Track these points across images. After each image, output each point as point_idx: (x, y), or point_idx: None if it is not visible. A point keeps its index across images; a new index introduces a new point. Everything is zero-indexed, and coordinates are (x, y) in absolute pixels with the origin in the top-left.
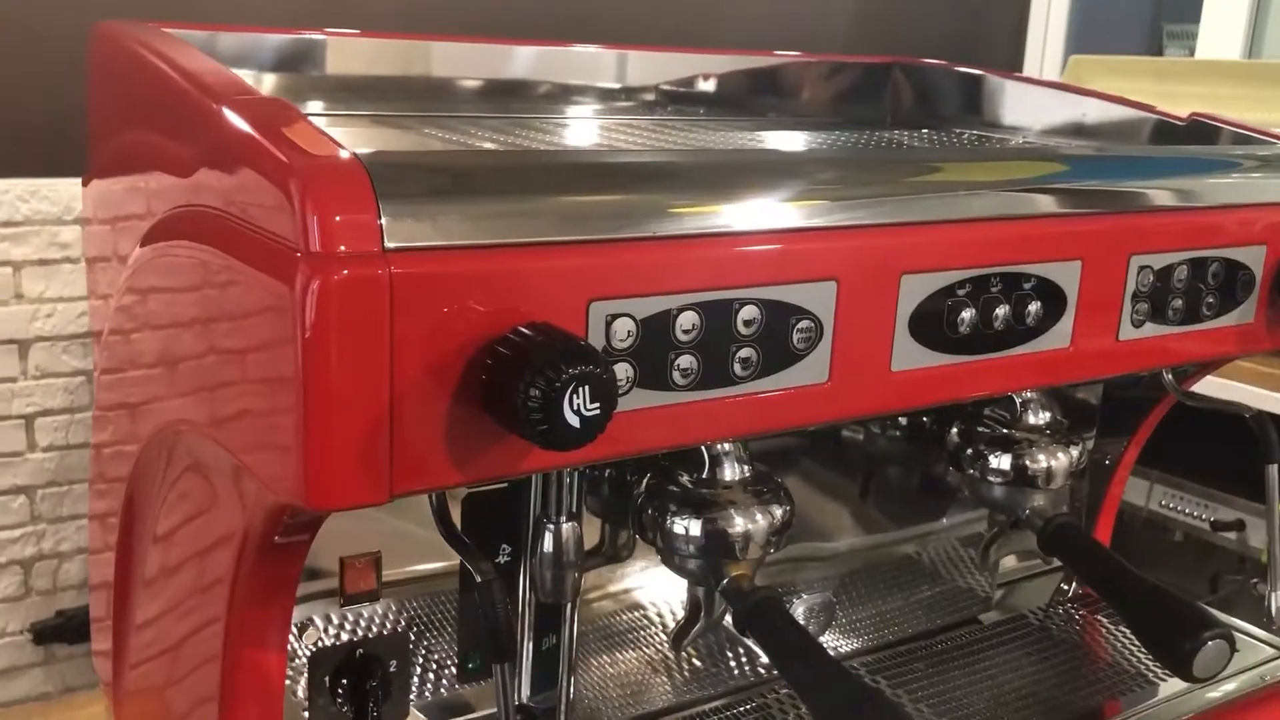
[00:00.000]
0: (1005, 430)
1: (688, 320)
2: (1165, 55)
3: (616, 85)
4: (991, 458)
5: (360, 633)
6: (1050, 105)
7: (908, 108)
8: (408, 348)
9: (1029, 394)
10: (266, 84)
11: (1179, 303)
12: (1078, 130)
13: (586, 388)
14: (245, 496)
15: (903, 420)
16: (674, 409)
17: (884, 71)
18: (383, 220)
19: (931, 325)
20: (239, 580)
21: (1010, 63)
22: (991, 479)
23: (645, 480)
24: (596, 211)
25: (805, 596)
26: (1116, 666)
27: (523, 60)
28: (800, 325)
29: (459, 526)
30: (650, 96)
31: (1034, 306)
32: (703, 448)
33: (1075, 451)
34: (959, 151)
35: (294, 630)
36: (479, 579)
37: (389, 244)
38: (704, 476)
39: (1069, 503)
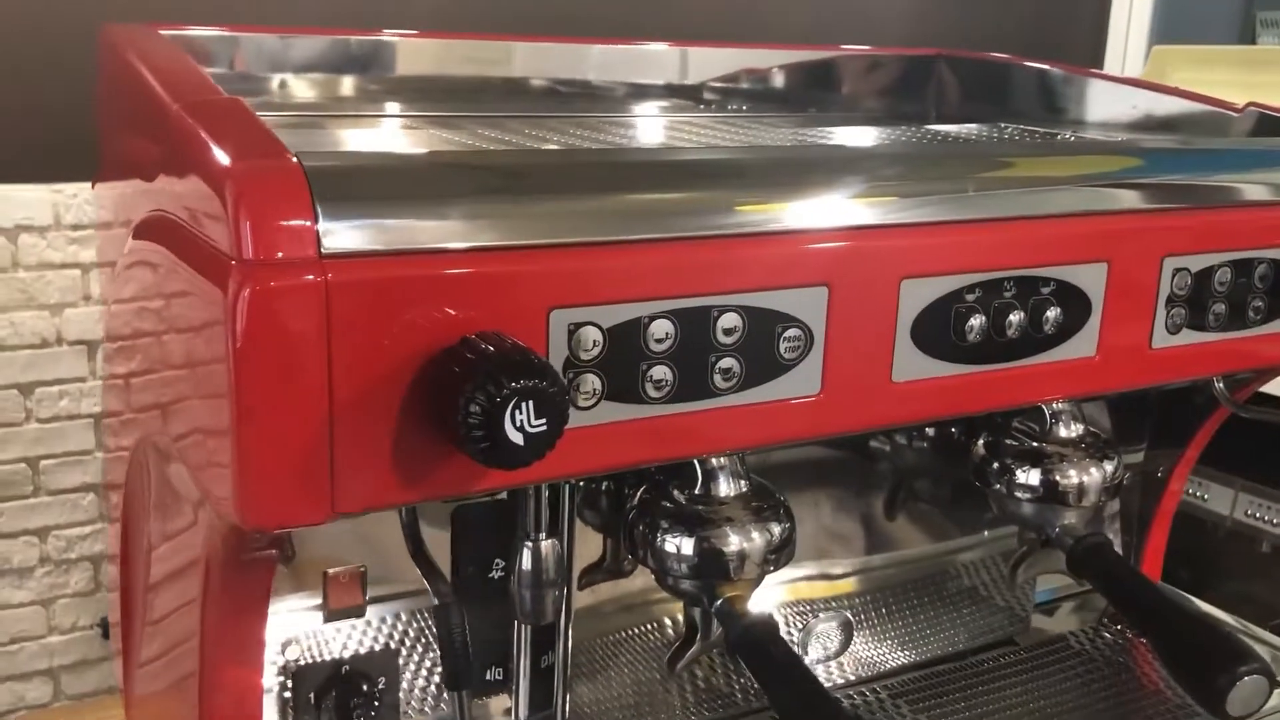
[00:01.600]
0: (1035, 443)
1: (660, 329)
2: (1258, 45)
3: (641, 82)
4: (1019, 472)
5: (352, 648)
6: (1097, 96)
7: (952, 101)
8: (347, 359)
9: (1060, 405)
10: (271, 85)
11: (1221, 307)
12: (1124, 122)
13: (531, 402)
14: (208, 513)
15: (930, 430)
16: (648, 423)
17: (928, 64)
18: (320, 225)
19: (937, 333)
20: (209, 597)
21: (1092, 56)
22: (1019, 495)
23: (637, 494)
24: (556, 213)
25: (821, 616)
26: (1163, 698)
27: (540, 58)
28: (788, 334)
29: (451, 539)
30: (672, 93)
31: (1053, 312)
32: (696, 461)
33: (1110, 467)
34: (969, 147)
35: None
36: (436, 601)
37: (326, 250)
38: (698, 492)
39: (1118, 518)
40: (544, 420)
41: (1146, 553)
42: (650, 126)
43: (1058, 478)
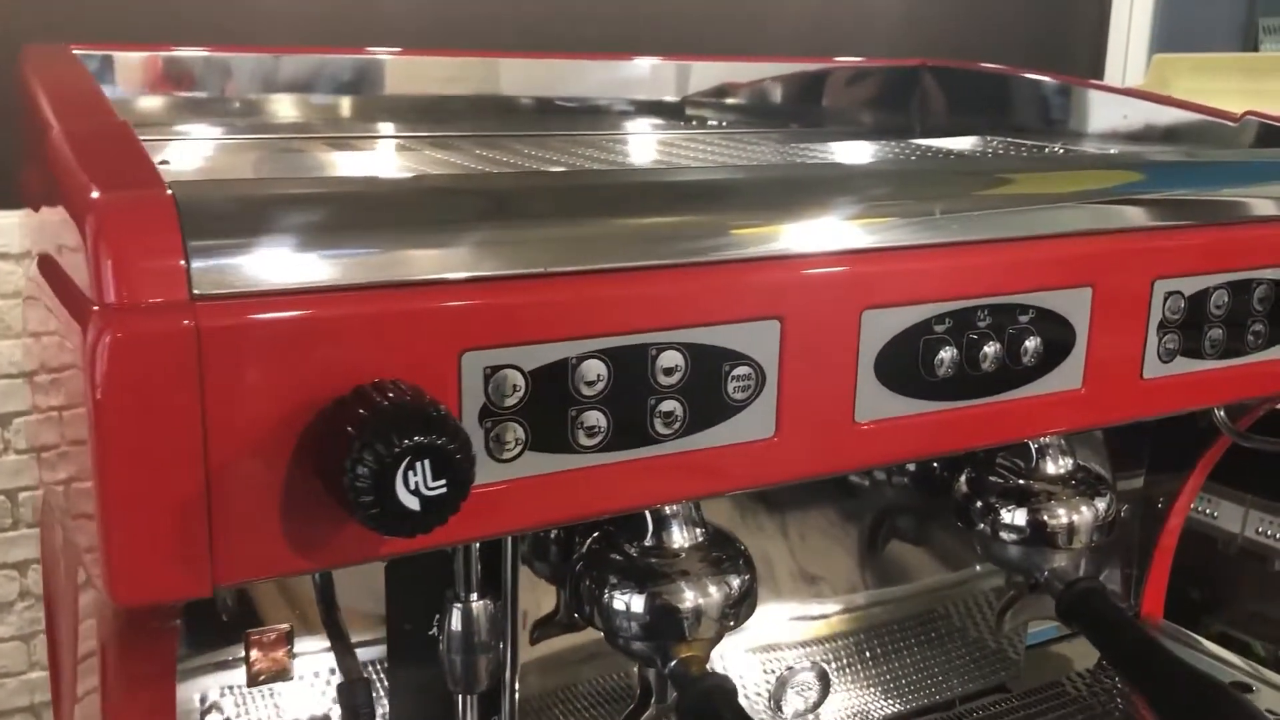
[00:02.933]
0: (1020, 480)
1: (591, 370)
2: (1262, 51)
3: (612, 98)
4: (1004, 512)
5: (282, 714)
6: (1088, 106)
7: (938, 113)
8: (225, 414)
9: (1048, 438)
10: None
11: (1218, 333)
12: (1116, 133)
13: (427, 461)
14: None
15: (910, 465)
16: (580, 475)
17: (913, 75)
18: (192, 264)
19: (904, 368)
20: (107, 669)
21: (1092, 65)
22: (1004, 536)
23: (585, 545)
24: (466, 244)
25: (797, 665)
26: None
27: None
28: (736, 372)
29: (386, 594)
30: (643, 109)
31: (1033, 342)
32: (646, 510)
33: (1102, 504)
34: (936, 164)
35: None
36: (342, 678)
37: (199, 291)
38: (649, 543)
39: (1117, 551)
40: (443, 481)
41: (1148, 586)
42: (614, 144)
43: (1045, 518)
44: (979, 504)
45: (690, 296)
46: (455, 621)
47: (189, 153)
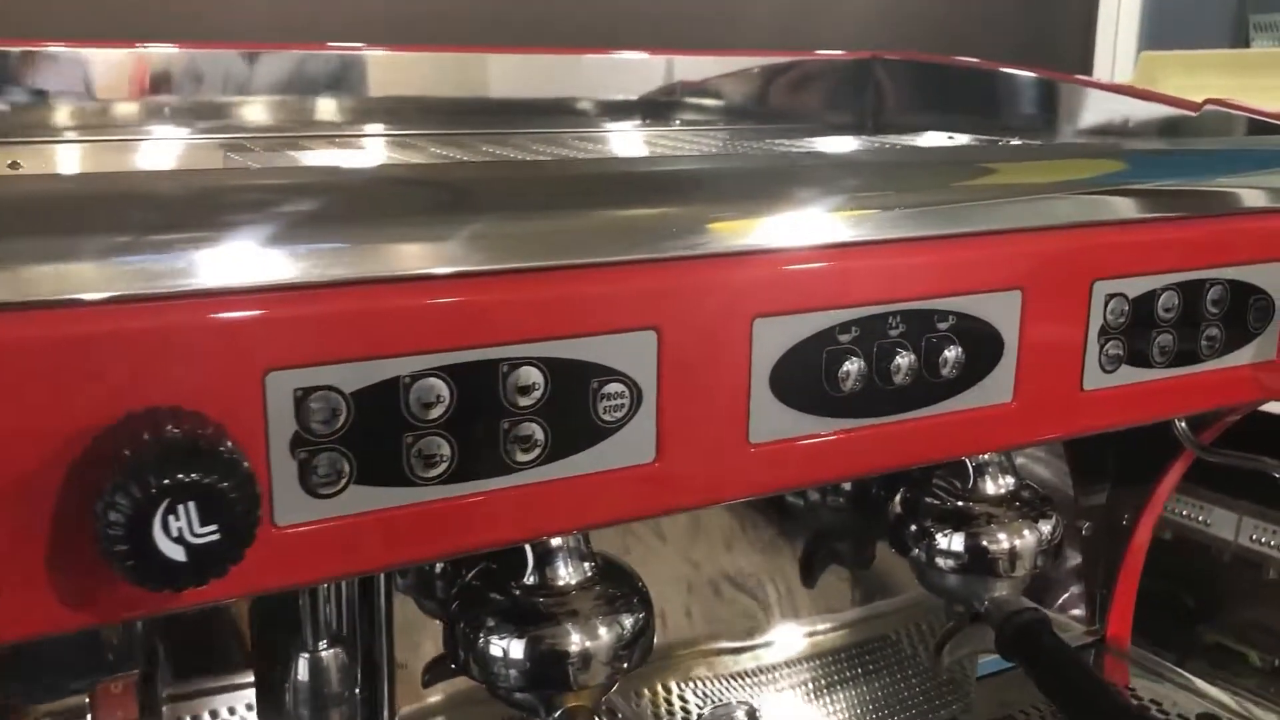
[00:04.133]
0: (958, 501)
1: (429, 390)
2: (1252, 48)
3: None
4: (940, 537)
5: None
6: (1042, 97)
7: (891, 108)
8: None
9: (988, 455)
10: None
11: (1167, 339)
12: (1072, 126)
13: (192, 504)
14: None
15: (846, 485)
16: (420, 510)
17: (864, 69)
18: None
19: (804, 382)
20: None
21: (1080, 64)
22: (941, 563)
23: (464, 581)
24: (267, 247)
25: (721, 709)
26: None
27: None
28: (608, 390)
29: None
30: (560, 107)
31: (953, 352)
32: (526, 544)
33: (1046, 527)
34: (844, 156)
35: None
36: None
37: None
38: (530, 580)
39: (1081, 571)
40: (214, 527)
41: (1114, 608)
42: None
43: (984, 543)
44: (913, 527)
45: (548, 305)
46: (301, 671)
47: (63, 156)
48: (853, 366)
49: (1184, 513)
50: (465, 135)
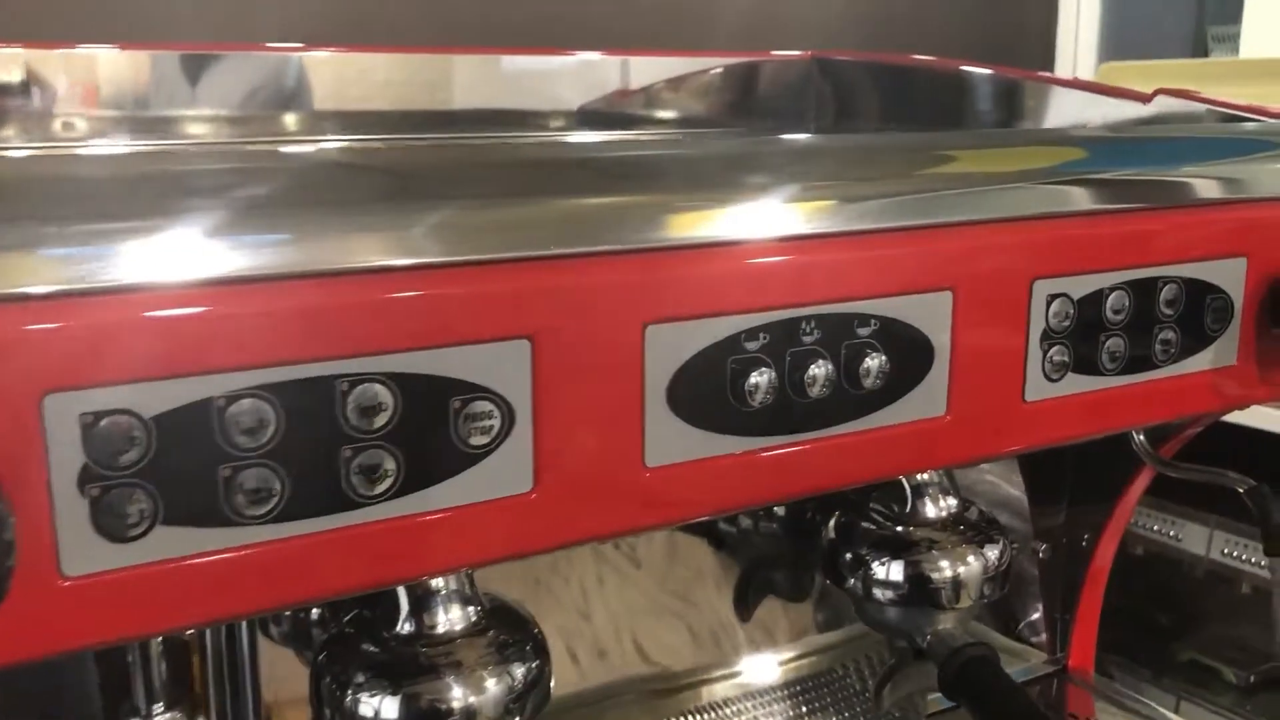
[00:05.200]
0: (896, 526)
1: (250, 414)
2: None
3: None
4: (876, 566)
5: None
6: (988, 94)
7: (832, 110)
8: None
9: (928, 474)
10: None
11: (1117, 344)
12: (1018, 121)
13: None
14: None
15: (779, 510)
16: (243, 555)
17: (804, 69)
18: None
19: (706, 397)
20: None
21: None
22: (879, 595)
23: (332, 632)
24: (36, 247)
25: None
26: None
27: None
28: (474, 410)
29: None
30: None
31: (876, 361)
32: (398, 588)
33: (993, 553)
34: (746, 145)
35: None
36: None
37: None
38: (405, 629)
39: (1040, 596)
40: None
41: (1076, 634)
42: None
43: (925, 571)
44: (848, 556)
45: (399, 312)
46: None
47: None
48: (762, 378)
49: (1155, 528)
50: (410, 138)
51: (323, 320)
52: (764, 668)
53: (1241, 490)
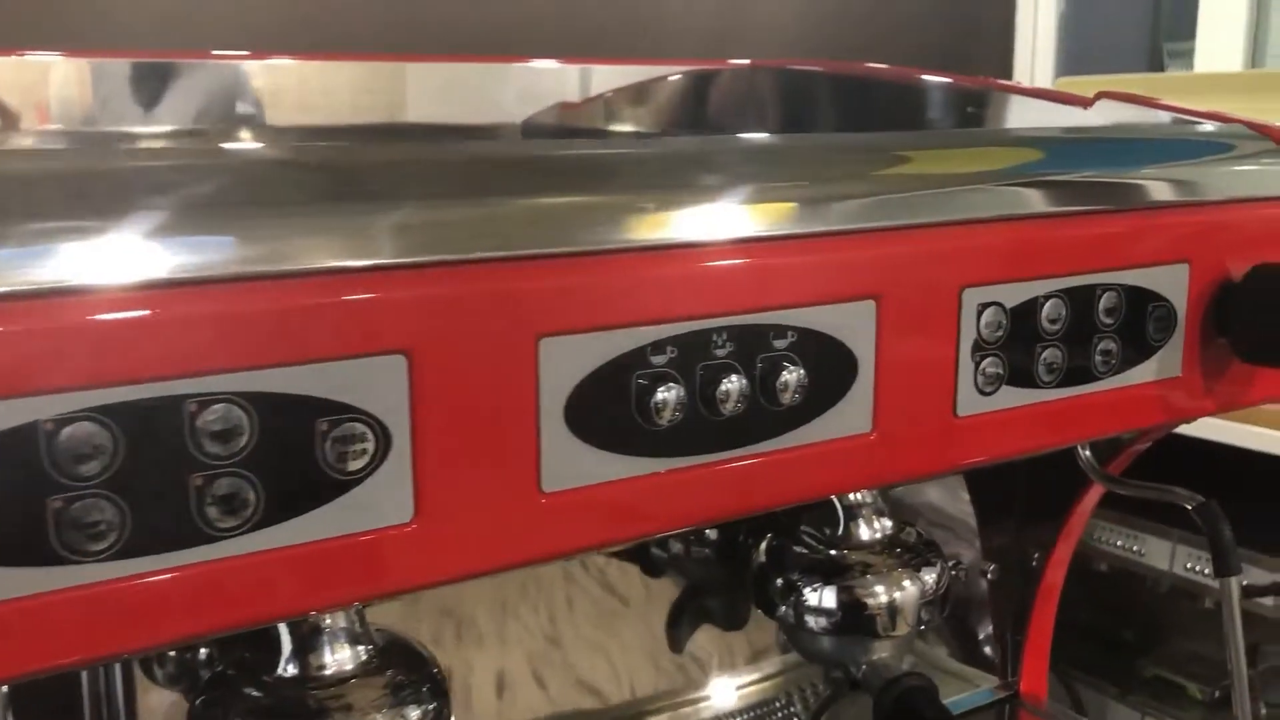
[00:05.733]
0: (828, 550)
1: (84, 439)
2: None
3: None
4: (808, 592)
5: None
6: (929, 101)
7: (773, 118)
8: None
9: (863, 494)
10: None
11: (1054, 355)
12: (954, 126)
13: None
14: None
15: (710, 534)
16: (75, 596)
17: (745, 77)
18: None
19: (608, 415)
20: None
21: None
22: (811, 623)
23: (212, 675)
24: None
25: None
26: None
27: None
28: (344, 432)
29: None
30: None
31: (794, 375)
32: (279, 625)
33: (930, 577)
34: (661, 145)
35: None
36: None
37: None
38: (289, 670)
39: (990, 619)
40: None
41: (1027, 657)
42: None
43: (858, 597)
44: (779, 582)
45: (249, 322)
46: None
47: None
48: (670, 394)
49: (1118, 543)
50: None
51: (165, 335)
52: (699, 699)
53: (1190, 507)
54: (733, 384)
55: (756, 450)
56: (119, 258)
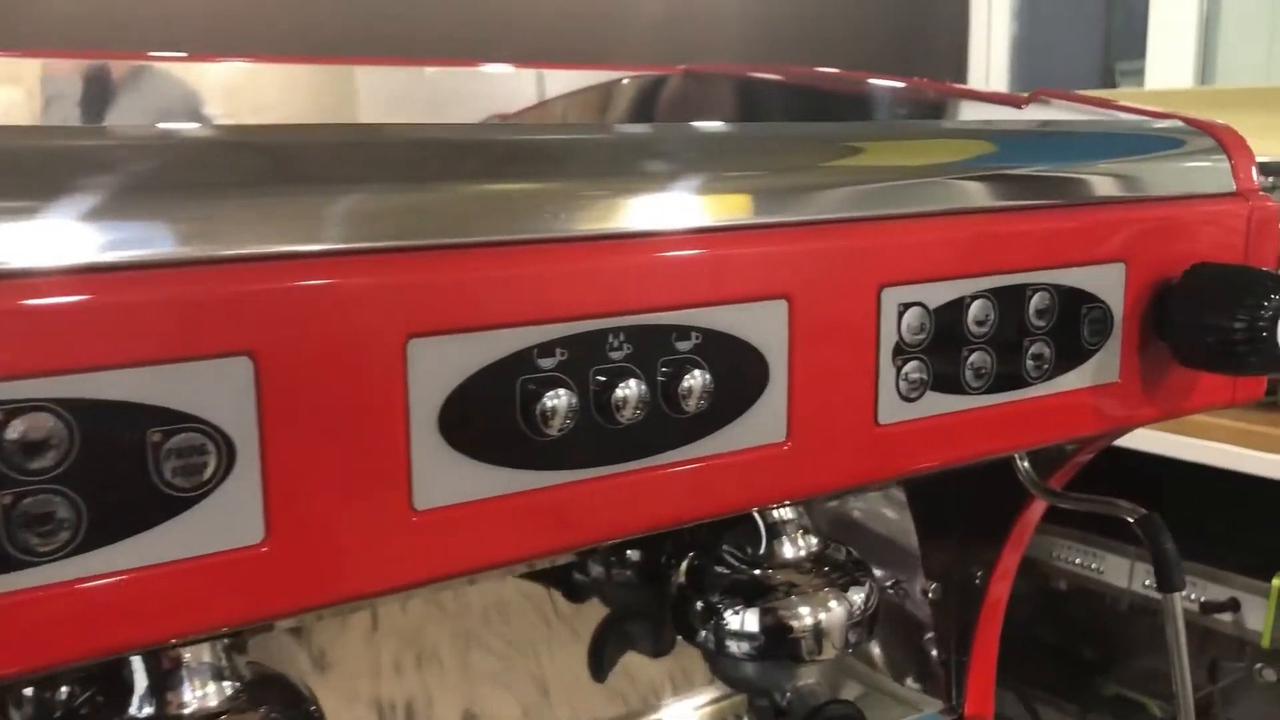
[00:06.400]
0: (750, 569)
1: None
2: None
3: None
4: (729, 615)
5: None
6: (861, 105)
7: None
8: None
9: (787, 510)
10: None
11: (982, 359)
12: None
13: None
14: None
15: (632, 555)
16: None
17: (677, 83)
18: None
19: (491, 424)
20: None
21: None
22: (732, 648)
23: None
24: None
25: None
26: None
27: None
28: (179, 444)
29: None
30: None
31: (699, 380)
32: (132, 661)
33: (858, 596)
34: (542, 130)
35: None
36: None
37: None
38: (142, 712)
39: (933, 641)
40: None
41: (972, 679)
42: None
43: (781, 619)
44: (699, 605)
45: (66, 322)
46: None
47: None
48: (560, 401)
49: (1076, 560)
50: None
51: None
52: None
53: (1132, 520)
54: (630, 390)
55: (659, 462)
56: None
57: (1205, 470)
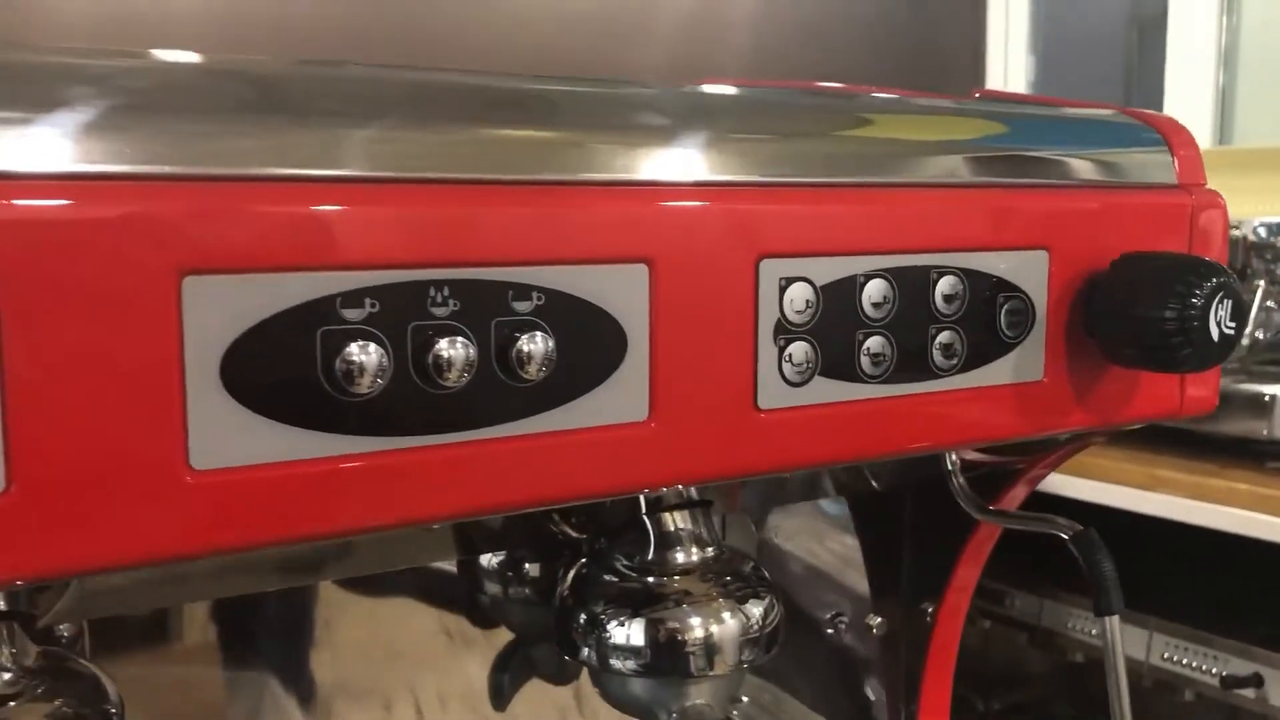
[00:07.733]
0: (640, 577)
1: None
2: None
3: None
4: (613, 627)
5: None
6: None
7: None
8: None
9: (683, 519)
10: None
11: (880, 344)
12: None
13: None
14: None
15: (530, 570)
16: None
17: None
18: None
19: (284, 379)
20: None
21: None
22: (616, 664)
23: None
24: None
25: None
26: None
27: None
28: None
29: None
30: None
31: (539, 344)
32: None
33: (757, 609)
34: (371, 72)
35: None
36: None
37: None
38: None
39: (881, 681)
40: None
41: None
42: None
43: (669, 630)
44: (583, 618)
45: None
46: None
47: None
48: (369, 357)
49: (1092, 631)
50: None
51: None
52: None
53: (1066, 537)
54: (456, 350)
55: (494, 434)
56: None
57: (1227, 538)
